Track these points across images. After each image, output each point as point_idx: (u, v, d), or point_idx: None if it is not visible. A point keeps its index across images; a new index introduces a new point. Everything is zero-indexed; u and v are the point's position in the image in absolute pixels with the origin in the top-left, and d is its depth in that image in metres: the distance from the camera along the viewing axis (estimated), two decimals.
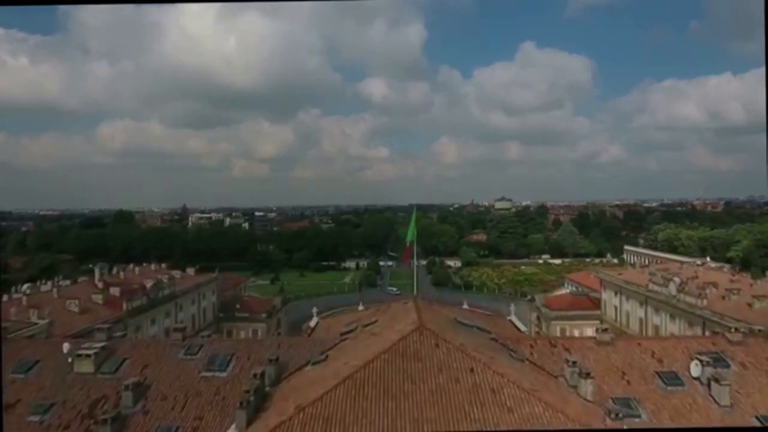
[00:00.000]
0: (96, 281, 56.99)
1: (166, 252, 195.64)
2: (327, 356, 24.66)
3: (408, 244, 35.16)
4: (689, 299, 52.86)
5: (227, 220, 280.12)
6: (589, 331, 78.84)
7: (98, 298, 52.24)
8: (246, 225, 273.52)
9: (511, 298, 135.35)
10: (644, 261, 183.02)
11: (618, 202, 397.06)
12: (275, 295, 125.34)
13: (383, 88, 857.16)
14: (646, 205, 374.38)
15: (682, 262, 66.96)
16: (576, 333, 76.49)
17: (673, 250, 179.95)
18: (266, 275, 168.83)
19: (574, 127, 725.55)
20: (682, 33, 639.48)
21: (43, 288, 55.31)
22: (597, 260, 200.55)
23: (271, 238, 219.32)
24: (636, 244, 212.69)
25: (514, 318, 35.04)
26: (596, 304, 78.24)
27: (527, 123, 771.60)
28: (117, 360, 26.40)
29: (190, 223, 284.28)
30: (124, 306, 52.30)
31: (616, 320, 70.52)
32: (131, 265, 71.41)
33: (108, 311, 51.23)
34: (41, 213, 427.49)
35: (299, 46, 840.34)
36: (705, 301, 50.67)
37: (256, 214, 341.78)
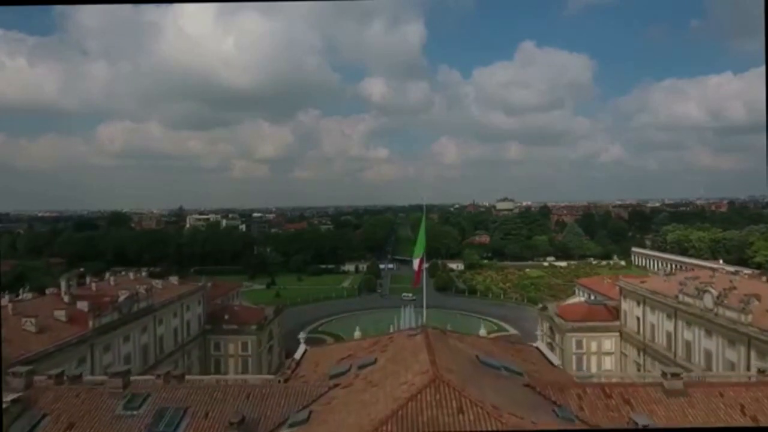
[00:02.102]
0: (62, 294, 50.86)
1: (160, 255, 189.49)
2: (310, 413, 18.65)
3: (417, 262, 29.16)
4: (730, 314, 46.73)
5: (224, 222, 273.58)
6: (608, 344, 72.95)
7: (62, 314, 46.08)
8: (243, 227, 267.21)
9: (517, 303, 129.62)
10: (654, 264, 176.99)
11: (619, 202, 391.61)
12: (270, 303, 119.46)
13: (383, 88, 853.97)
14: (649, 205, 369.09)
15: (714, 269, 60.88)
16: (594, 346, 70.44)
17: (684, 252, 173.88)
18: (262, 279, 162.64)
19: (574, 126, 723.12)
20: (683, 32, 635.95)
21: (2, 302, 49.18)
22: (603, 262, 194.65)
23: (268, 240, 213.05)
24: (643, 246, 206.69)
25: (541, 345, 28.94)
26: (614, 314, 72.15)
27: (527, 123, 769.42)
28: (33, 416, 20.23)
29: (188, 225, 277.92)
30: (91, 323, 46.20)
31: (638, 332, 64.46)
32: (107, 274, 65.33)
33: (72, 329, 45.12)
34: (39, 215, 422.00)
35: (298, 46, 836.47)
36: (750, 317, 44.58)
37: (254, 215, 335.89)
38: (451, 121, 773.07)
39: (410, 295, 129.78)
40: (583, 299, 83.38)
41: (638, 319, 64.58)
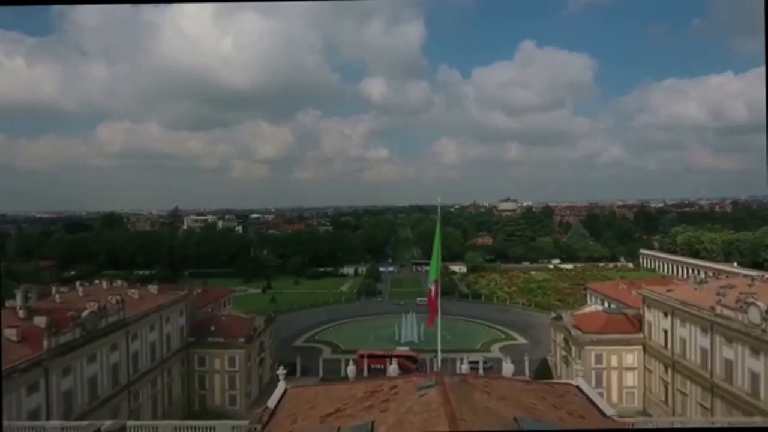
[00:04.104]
0: (17, 309, 44.70)
1: (153, 258, 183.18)
2: None
3: (432, 288, 22.97)
4: None
5: (220, 223, 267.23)
6: (630, 359, 66.79)
7: (13, 332, 39.96)
8: (240, 228, 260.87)
9: (524, 309, 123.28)
10: (663, 266, 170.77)
11: (620, 203, 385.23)
12: (265, 308, 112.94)
13: (382, 87, 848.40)
14: (652, 205, 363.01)
15: (753, 278, 54.77)
16: (614, 360, 64.36)
17: (695, 254, 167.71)
18: (258, 283, 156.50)
19: (575, 127, 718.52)
20: (684, 31, 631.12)
21: None
22: (611, 265, 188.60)
23: (264, 242, 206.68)
24: (650, 247, 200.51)
25: (582, 382, 22.89)
26: (636, 325, 66.01)
27: (527, 123, 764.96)
28: None
29: (185, 226, 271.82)
30: (46, 343, 40.02)
31: (665, 347, 58.35)
32: (77, 284, 59.21)
33: (22, 351, 38.98)
34: (38, 215, 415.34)
35: (297, 46, 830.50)
36: None
37: (252, 216, 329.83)
38: (451, 121, 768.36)
39: (423, 299, 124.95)
40: (600, 308, 77.22)
41: (665, 332, 58.42)
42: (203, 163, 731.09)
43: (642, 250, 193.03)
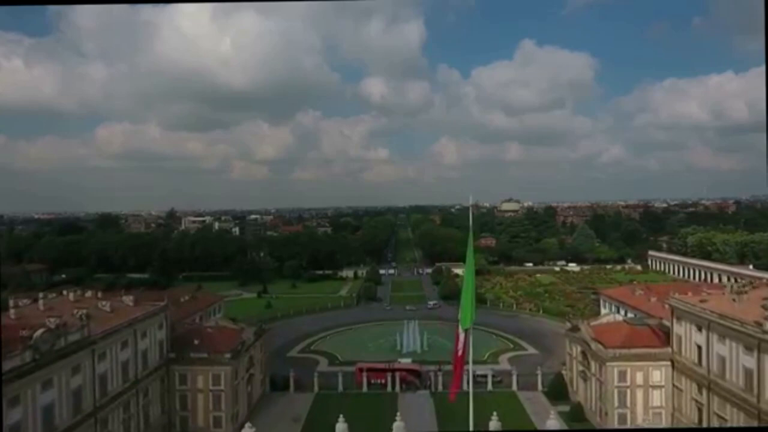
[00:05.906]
0: None
1: (146, 260, 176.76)
2: None
3: (461, 339, 17.23)
4: None
5: (216, 224, 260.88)
6: (657, 376, 60.66)
7: None
8: (236, 229, 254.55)
9: (532, 314, 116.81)
10: (673, 268, 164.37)
11: (621, 203, 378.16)
12: (260, 315, 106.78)
13: (382, 87, 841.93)
14: (656, 205, 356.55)
15: None
16: (639, 378, 58.25)
17: (707, 256, 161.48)
18: (254, 286, 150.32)
19: (575, 126, 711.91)
20: (684, 30, 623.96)
21: None
22: (618, 267, 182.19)
23: (261, 244, 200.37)
24: (658, 248, 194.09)
25: None
26: (662, 337, 59.88)
27: (527, 123, 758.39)
28: None
29: (182, 227, 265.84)
30: None
31: (699, 364, 52.22)
32: (40, 294, 53.03)
33: None
34: (36, 216, 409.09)
35: (296, 46, 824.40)
36: None
37: (250, 217, 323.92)
38: (451, 121, 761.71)
39: (434, 302, 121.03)
40: (619, 317, 71.23)
41: (699, 347, 52.28)
42: (203, 164, 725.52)
43: (650, 252, 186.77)
